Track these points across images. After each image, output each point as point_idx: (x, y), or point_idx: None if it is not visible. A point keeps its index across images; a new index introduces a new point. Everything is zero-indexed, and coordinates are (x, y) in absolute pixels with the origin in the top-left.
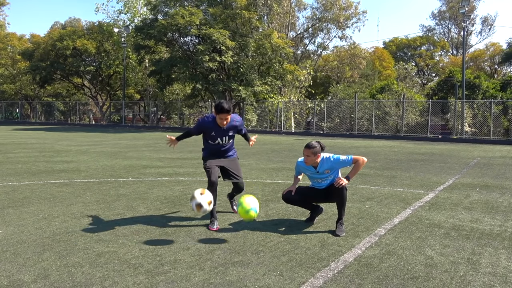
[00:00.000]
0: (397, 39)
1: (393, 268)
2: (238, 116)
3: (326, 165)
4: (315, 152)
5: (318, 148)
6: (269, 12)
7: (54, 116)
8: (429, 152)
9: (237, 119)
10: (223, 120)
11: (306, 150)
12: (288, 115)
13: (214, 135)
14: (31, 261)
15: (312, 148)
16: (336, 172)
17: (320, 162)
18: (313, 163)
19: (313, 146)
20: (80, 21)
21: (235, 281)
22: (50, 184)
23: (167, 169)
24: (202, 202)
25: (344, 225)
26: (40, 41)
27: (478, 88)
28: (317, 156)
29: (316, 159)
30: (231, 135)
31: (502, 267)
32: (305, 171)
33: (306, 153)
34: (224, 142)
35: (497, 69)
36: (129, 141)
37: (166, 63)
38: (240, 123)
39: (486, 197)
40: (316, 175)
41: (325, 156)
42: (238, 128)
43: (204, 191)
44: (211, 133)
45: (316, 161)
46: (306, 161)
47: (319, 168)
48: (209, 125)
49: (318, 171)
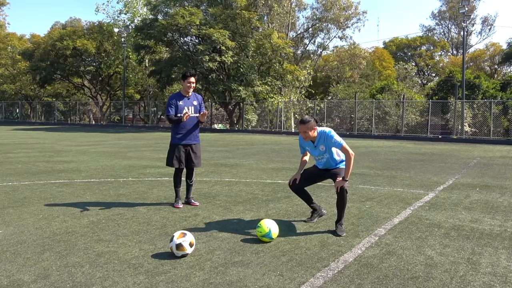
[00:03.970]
0: (397, 39)
1: (393, 268)
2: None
3: (321, 140)
4: (310, 127)
5: (312, 122)
6: (269, 12)
7: (54, 116)
8: (429, 152)
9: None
10: (189, 83)
11: (301, 126)
12: (288, 115)
13: (182, 104)
14: (31, 261)
15: (306, 123)
16: (330, 153)
17: (317, 136)
18: (311, 138)
19: (307, 121)
20: (80, 21)
21: (235, 281)
22: (50, 184)
23: (167, 169)
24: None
25: (343, 225)
26: (40, 41)
27: (478, 88)
28: (313, 130)
29: (313, 134)
30: (196, 106)
31: (502, 267)
32: (305, 145)
33: (301, 130)
34: (191, 112)
35: (497, 69)
36: (129, 141)
37: (166, 63)
38: (201, 98)
39: (486, 197)
40: (314, 150)
41: (322, 130)
42: (199, 100)
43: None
44: (179, 103)
45: (313, 136)
46: (304, 137)
47: (317, 142)
48: (176, 96)
49: (316, 145)
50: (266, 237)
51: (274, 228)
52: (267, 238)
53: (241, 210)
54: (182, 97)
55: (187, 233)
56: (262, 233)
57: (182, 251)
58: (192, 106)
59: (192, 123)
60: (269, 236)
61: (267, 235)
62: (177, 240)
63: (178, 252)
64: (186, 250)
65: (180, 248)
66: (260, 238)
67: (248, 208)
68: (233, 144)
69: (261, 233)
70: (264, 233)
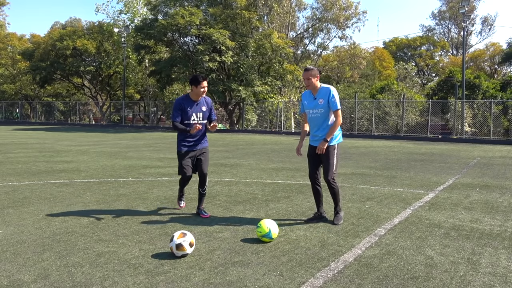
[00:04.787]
0: (397, 39)
1: (393, 268)
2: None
3: (322, 93)
4: (313, 74)
5: (315, 71)
6: (269, 12)
7: (54, 116)
8: (429, 152)
9: (208, 99)
10: (203, 88)
11: (305, 73)
12: (288, 115)
13: (190, 111)
14: (31, 261)
15: (310, 70)
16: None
17: (319, 89)
18: (313, 87)
19: (311, 68)
20: (80, 21)
21: (235, 281)
22: (50, 184)
23: (167, 169)
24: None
25: (340, 214)
26: (40, 41)
27: (478, 88)
28: (316, 78)
29: (315, 83)
30: (205, 112)
31: (502, 267)
32: (305, 99)
33: (305, 76)
34: (199, 119)
35: (497, 69)
36: (129, 141)
37: (166, 63)
38: (210, 102)
39: (486, 197)
40: (312, 102)
41: (328, 87)
42: (209, 105)
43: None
44: (187, 109)
45: (316, 85)
46: (307, 85)
47: (317, 94)
48: (183, 101)
49: (316, 97)
50: (266, 237)
51: (274, 228)
52: (267, 238)
53: (241, 210)
54: (190, 101)
55: (187, 233)
56: (262, 233)
57: (182, 251)
58: (200, 112)
59: (200, 132)
60: (269, 236)
61: (267, 235)
62: (177, 240)
63: (178, 252)
64: (186, 250)
65: (180, 248)
66: (260, 238)
67: (248, 208)
68: (233, 144)
69: (261, 233)
70: (264, 233)
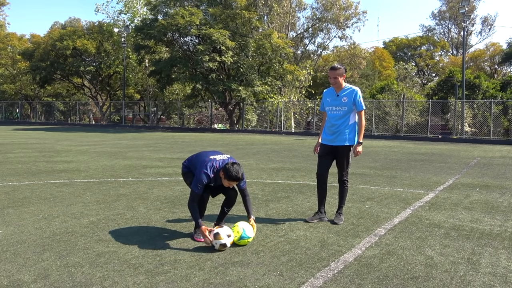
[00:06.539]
0: (397, 39)
1: (393, 268)
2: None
3: (347, 92)
4: (340, 73)
5: (342, 69)
6: (269, 12)
7: (54, 116)
8: (429, 152)
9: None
10: (230, 185)
11: (332, 72)
12: (288, 115)
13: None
14: (31, 261)
15: (337, 69)
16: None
17: (345, 88)
18: (339, 86)
19: (338, 67)
20: (80, 21)
21: (235, 281)
22: (50, 184)
23: (167, 169)
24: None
25: (342, 215)
26: (40, 41)
27: (478, 88)
28: (343, 77)
29: (341, 81)
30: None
31: (502, 267)
32: (328, 96)
33: (332, 75)
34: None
35: (497, 69)
36: (129, 141)
37: (166, 63)
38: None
39: (486, 197)
40: (335, 100)
41: (354, 88)
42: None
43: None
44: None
45: (341, 84)
46: (333, 83)
47: (341, 92)
48: (210, 180)
49: (338, 94)
50: (244, 238)
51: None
52: (245, 240)
53: (241, 210)
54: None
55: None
56: (237, 237)
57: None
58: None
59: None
60: (246, 237)
61: (243, 237)
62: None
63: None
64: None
65: (217, 236)
66: (238, 243)
67: None
68: (233, 144)
69: (236, 236)
70: (240, 236)
